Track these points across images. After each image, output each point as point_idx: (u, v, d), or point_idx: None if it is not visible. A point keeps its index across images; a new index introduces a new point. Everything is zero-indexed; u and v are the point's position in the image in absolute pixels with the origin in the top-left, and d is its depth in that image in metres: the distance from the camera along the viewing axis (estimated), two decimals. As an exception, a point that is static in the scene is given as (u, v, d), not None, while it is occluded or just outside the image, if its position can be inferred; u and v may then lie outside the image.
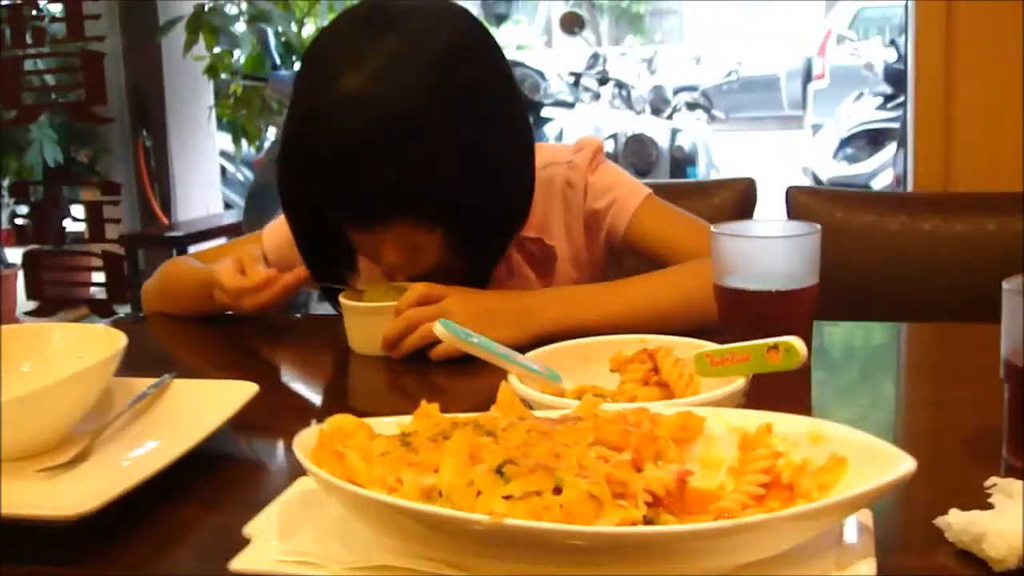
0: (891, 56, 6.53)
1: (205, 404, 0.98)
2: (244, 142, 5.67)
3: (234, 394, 0.99)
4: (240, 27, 5.42)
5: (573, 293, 1.28)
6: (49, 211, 3.53)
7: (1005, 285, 0.84)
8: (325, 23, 5.73)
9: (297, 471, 0.89)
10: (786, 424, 0.74)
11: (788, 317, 1.07)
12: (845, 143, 6.66)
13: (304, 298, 4.04)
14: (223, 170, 5.87)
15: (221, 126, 5.71)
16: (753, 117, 11.63)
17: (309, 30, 5.80)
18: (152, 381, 1.04)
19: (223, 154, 5.95)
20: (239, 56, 5.46)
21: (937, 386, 1.14)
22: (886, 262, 1.74)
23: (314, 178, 1.22)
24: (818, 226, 1.08)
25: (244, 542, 0.72)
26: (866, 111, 6.73)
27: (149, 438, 0.96)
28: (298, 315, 2.64)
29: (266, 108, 5.60)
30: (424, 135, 1.17)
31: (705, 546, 0.62)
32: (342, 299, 1.26)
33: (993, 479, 0.76)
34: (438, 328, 0.87)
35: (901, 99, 5.98)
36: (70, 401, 0.94)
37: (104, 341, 1.01)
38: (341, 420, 0.75)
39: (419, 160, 1.18)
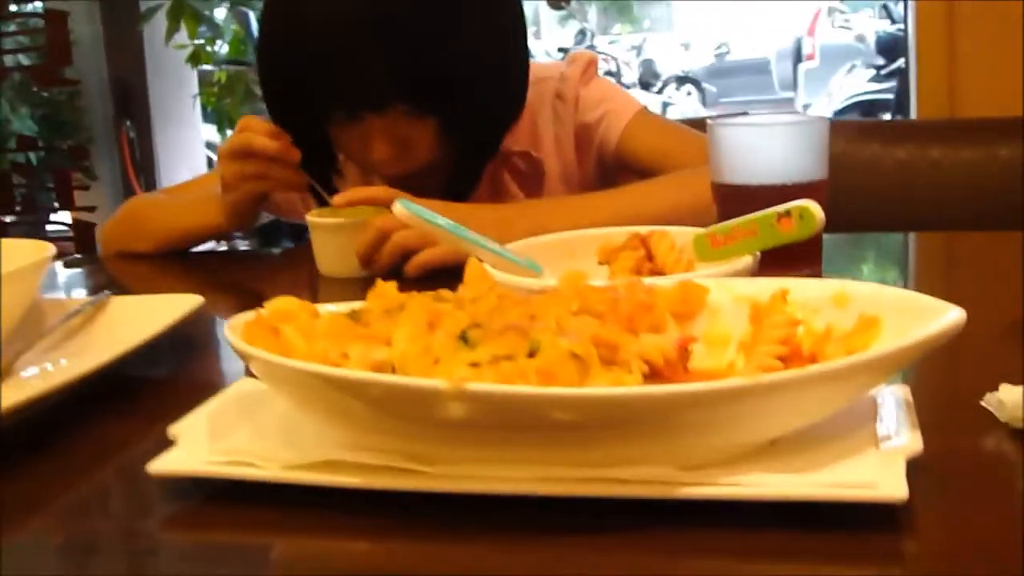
0: (883, 26, 6.43)
1: (145, 318, 0.87)
2: (229, 131, 5.57)
3: (176, 306, 0.88)
4: (221, 13, 5.30)
5: (558, 203, 1.18)
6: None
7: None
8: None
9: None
10: (805, 289, 0.63)
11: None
12: (838, 115, 6.54)
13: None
14: (209, 160, 5.77)
15: (206, 116, 5.59)
16: (745, 101, 11.52)
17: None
18: (87, 299, 0.93)
19: (208, 144, 5.84)
20: (221, 45, 5.34)
21: (960, 284, 1.03)
22: (893, 191, 1.63)
23: (302, 62, 1.13)
24: (826, 116, 0.97)
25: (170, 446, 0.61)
26: (858, 83, 6.63)
27: (81, 353, 0.85)
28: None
29: (250, 94, 5.48)
30: (425, 10, 1.11)
31: (716, 415, 0.51)
32: (309, 217, 1.15)
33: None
34: (398, 207, 0.76)
35: (893, 68, 5.89)
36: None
37: (30, 253, 0.91)
38: (282, 302, 0.63)
39: (418, 38, 1.11)
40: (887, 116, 5.94)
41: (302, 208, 1.34)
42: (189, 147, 5.26)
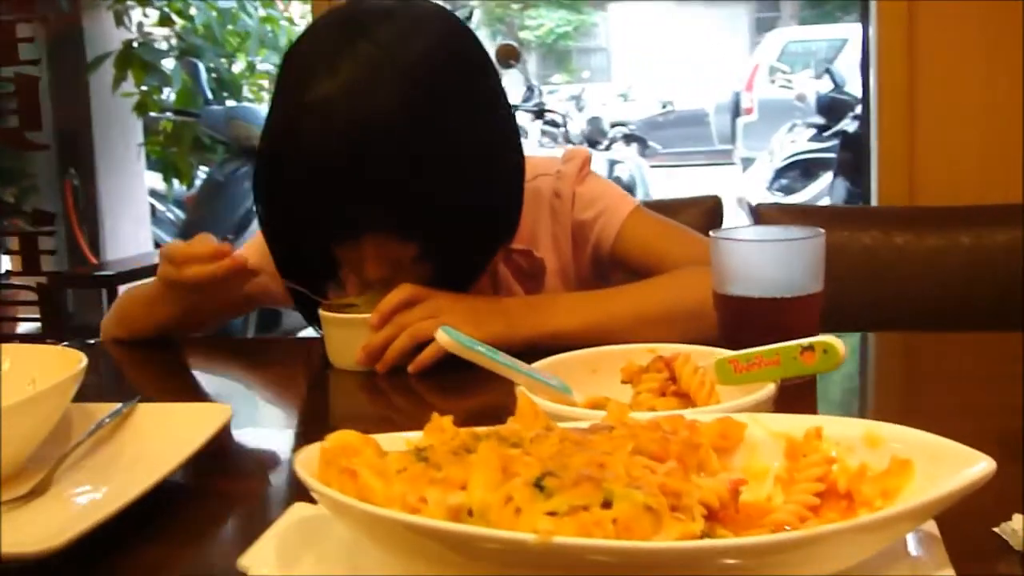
0: (824, 86, 6.61)
1: (175, 430, 0.89)
2: (175, 180, 5.55)
3: (206, 418, 0.90)
4: (170, 63, 5.31)
5: (560, 300, 1.23)
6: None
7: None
8: (256, 58, 5.65)
9: (284, 498, 0.82)
10: (837, 427, 0.68)
11: (797, 325, 1.02)
12: (779, 174, 6.71)
13: (240, 325, 3.91)
14: (153, 209, 5.74)
15: (151, 164, 5.57)
16: (684, 152, 11.73)
17: (240, 66, 5.72)
18: (114, 406, 0.95)
19: (153, 193, 5.81)
20: (169, 93, 5.35)
21: (947, 393, 1.08)
22: (859, 276, 1.71)
23: (287, 191, 1.16)
24: (822, 230, 1.03)
25: (238, 576, 0.64)
26: (800, 142, 6.81)
27: (116, 468, 0.87)
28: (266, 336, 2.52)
29: (198, 145, 5.48)
30: (398, 144, 1.10)
31: (776, 560, 0.55)
32: (322, 312, 1.19)
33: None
34: (440, 335, 0.80)
35: (835, 129, 6.06)
36: (27, 427, 0.84)
37: (60, 363, 0.93)
38: (344, 436, 0.67)
39: (393, 171, 1.11)
40: (829, 175, 6.10)
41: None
42: (133, 195, 5.23)
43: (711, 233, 1.05)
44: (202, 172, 5.66)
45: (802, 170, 6.58)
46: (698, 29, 15.83)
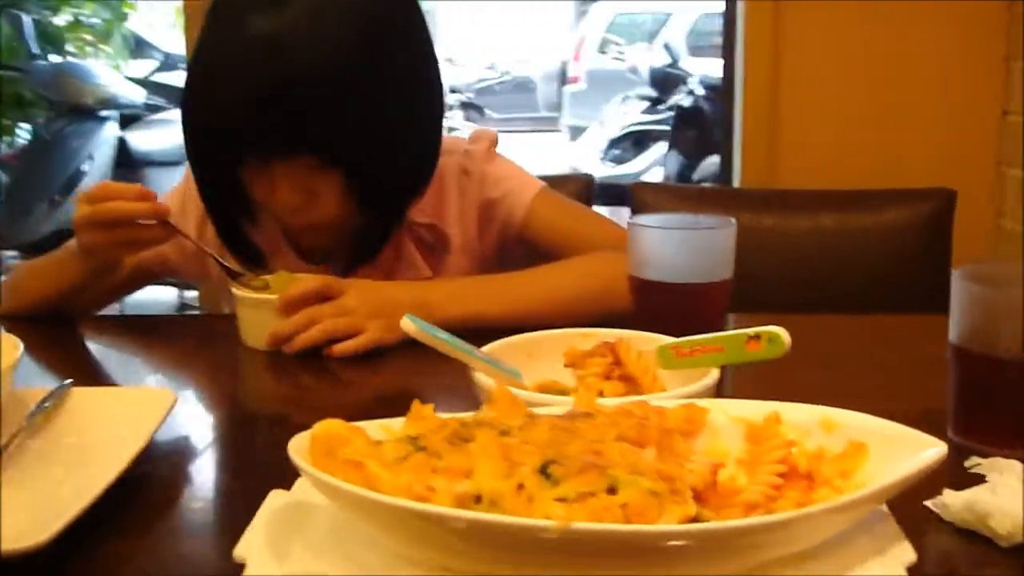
0: (656, 60, 6.79)
1: (117, 417, 0.88)
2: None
3: (149, 404, 0.90)
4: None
5: (475, 284, 1.25)
6: None
7: (954, 272, 0.87)
8: (83, 11, 5.40)
9: (224, 481, 0.83)
10: (794, 413, 0.73)
11: (707, 309, 1.09)
12: (613, 144, 6.87)
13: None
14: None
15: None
16: (510, 118, 11.83)
17: (67, 18, 5.47)
18: (44, 391, 0.93)
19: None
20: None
21: (863, 375, 1.13)
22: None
23: (220, 106, 1.16)
24: (733, 220, 1.10)
25: (232, 568, 0.65)
26: (632, 114, 6.97)
27: (66, 457, 0.84)
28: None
29: (21, 101, 5.22)
30: (343, 76, 1.14)
31: (769, 538, 0.61)
32: (234, 290, 1.18)
33: (974, 459, 0.78)
34: (406, 323, 0.82)
35: (670, 103, 6.25)
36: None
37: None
38: (331, 425, 0.69)
39: (335, 100, 1.14)
40: (660, 146, 6.30)
41: (204, 269, 1.37)
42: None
43: (629, 220, 1.10)
44: (21, 130, 5.40)
45: (634, 141, 6.75)
46: (524, -3, 15.92)
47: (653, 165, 6.27)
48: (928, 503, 0.75)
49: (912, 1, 2.40)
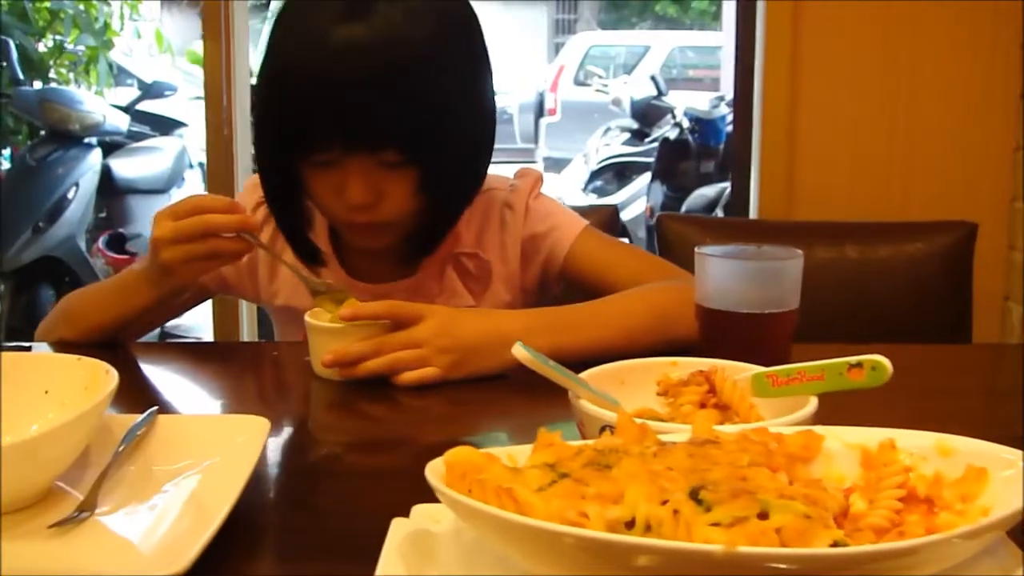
0: (639, 92, 6.85)
1: (212, 442, 0.89)
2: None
3: (244, 430, 0.90)
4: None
5: (548, 316, 1.25)
6: None
7: None
8: (66, 38, 5.36)
9: (341, 511, 0.84)
10: (908, 439, 0.75)
11: (775, 338, 1.11)
12: (595, 175, 6.92)
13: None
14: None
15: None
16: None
17: (44, 46, 5.43)
18: (135, 418, 0.93)
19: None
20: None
21: (928, 404, 1.15)
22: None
23: (310, 94, 1.19)
24: (800, 251, 1.12)
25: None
26: (614, 145, 7.03)
27: (161, 482, 0.85)
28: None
29: (4, 127, 5.18)
30: (428, 73, 1.20)
31: (913, 560, 0.62)
32: (308, 319, 1.19)
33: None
34: (518, 350, 0.83)
35: (655, 134, 6.31)
36: (66, 448, 0.83)
37: (65, 371, 0.91)
38: (465, 452, 0.70)
39: (421, 95, 1.19)
40: (642, 178, 6.35)
41: (255, 288, 1.39)
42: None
43: (697, 250, 1.12)
44: (2, 157, 5.36)
45: (615, 172, 6.81)
46: (498, 29, 16.04)
47: (636, 197, 6.32)
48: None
49: (929, 39, 2.46)
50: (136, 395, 1.16)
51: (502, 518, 0.62)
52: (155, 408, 0.95)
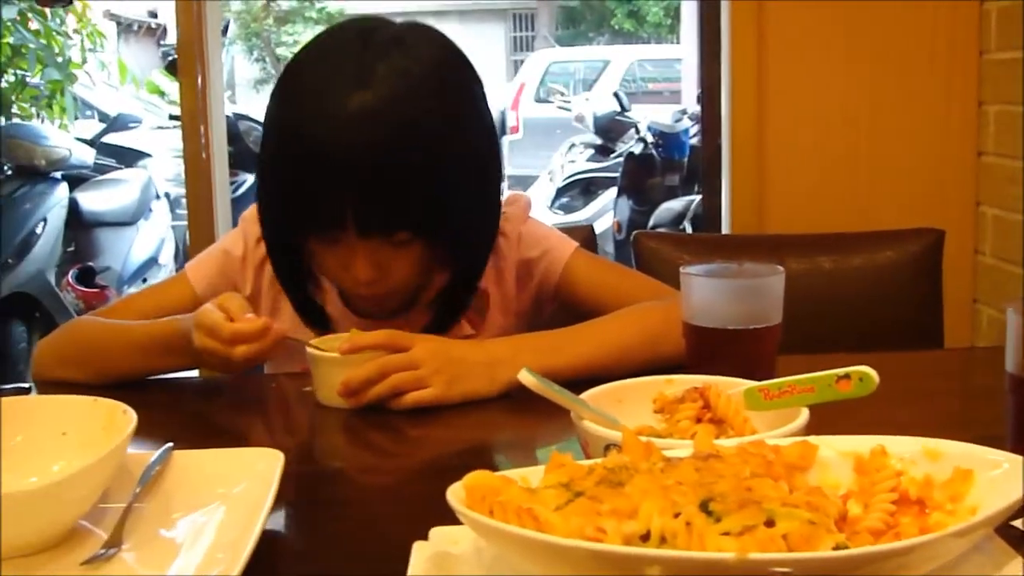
0: (602, 108, 6.92)
1: (228, 476, 0.92)
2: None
3: (259, 463, 0.93)
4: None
5: (538, 341, 1.29)
6: None
7: (1008, 309, 0.94)
8: (29, 72, 5.32)
9: (358, 538, 0.87)
10: (897, 445, 0.79)
11: (760, 352, 1.15)
12: (561, 192, 6.98)
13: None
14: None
15: None
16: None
17: (11, 79, 5.42)
18: (150, 455, 0.96)
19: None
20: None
21: (905, 410, 1.19)
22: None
23: (317, 179, 1.20)
24: (781, 268, 1.16)
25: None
26: (579, 162, 7.10)
27: (182, 517, 0.88)
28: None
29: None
30: (435, 145, 1.21)
31: (909, 560, 0.66)
32: (310, 349, 1.22)
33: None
34: (525, 376, 0.87)
35: (620, 149, 6.38)
36: (90, 489, 0.85)
37: (83, 413, 0.94)
38: (483, 476, 0.74)
39: (430, 171, 1.21)
40: (608, 193, 6.41)
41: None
42: None
43: (682, 270, 1.16)
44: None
45: (581, 188, 6.87)
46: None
47: (603, 212, 6.39)
48: (1016, 523, 0.81)
49: (890, 49, 2.53)
50: (143, 432, 1.18)
51: (526, 537, 0.66)
52: (170, 444, 0.97)
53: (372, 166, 1.18)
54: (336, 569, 0.83)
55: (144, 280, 5.50)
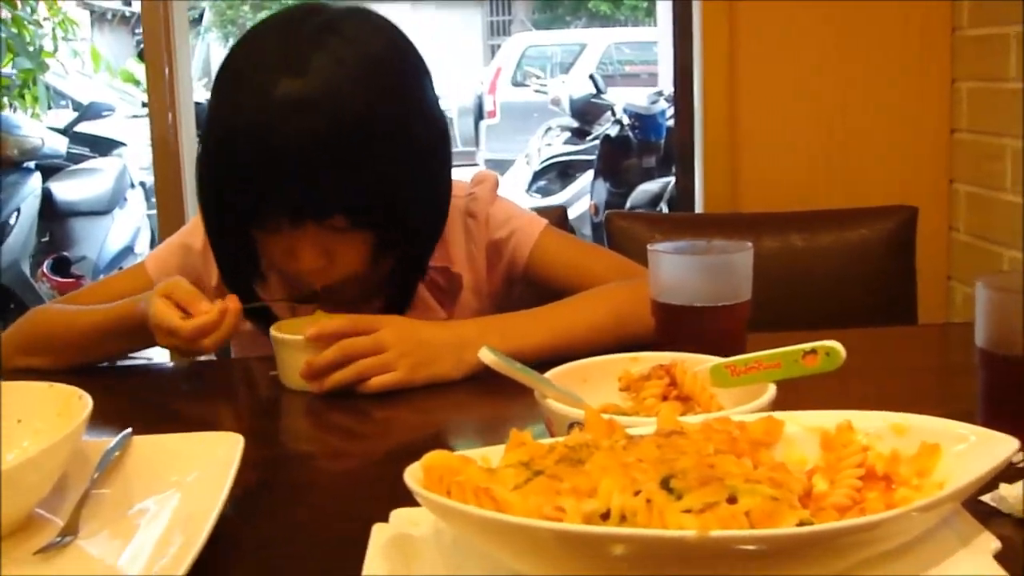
0: (578, 91, 6.90)
1: (188, 461, 0.90)
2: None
3: (219, 447, 0.91)
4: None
5: (506, 321, 1.28)
6: None
7: (978, 283, 0.93)
8: None
9: (318, 520, 0.85)
10: (864, 420, 0.78)
11: (730, 329, 1.14)
12: (538, 176, 6.96)
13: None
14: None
15: None
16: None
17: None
18: (109, 441, 0.94)
19: None
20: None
21: (875, 386, 1.19)
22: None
23: (250, 168, 1.18)
24: (749, 244, 1.15)
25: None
26: (556, 145, 7.08)
27: (140, 503, 0.86)
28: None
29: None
30: (371, 134, 1.17)
31: (876, 535, 0.65)
32: (273, 332, 1.20)
33: (1020, 454, 0.84)
34: (485, 355, 0.85)
35: (596, 132, 6.36)
36: (45, 475, 0.84)
37: (46, 401, 0.92)
38: (442, 456, 0.72)
39: (366, 159, 1.17)
40: (585, 176, 6.40)
41: None
42: None
43: (650, 247, 1.15)
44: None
45: (558, 171, 6.85)
46: (433, 31, 16.05)
47: (580, 195, 6.37)
48: (984, 498, 0.81)
49: (861, 27, 2.52)
50: (104, 418, 1.16)
51: (483, 517, 0.65)
52: (129, 430, 0.96)
53: (300, 154, 1.15)
54: (296, 552, 0.81)
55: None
